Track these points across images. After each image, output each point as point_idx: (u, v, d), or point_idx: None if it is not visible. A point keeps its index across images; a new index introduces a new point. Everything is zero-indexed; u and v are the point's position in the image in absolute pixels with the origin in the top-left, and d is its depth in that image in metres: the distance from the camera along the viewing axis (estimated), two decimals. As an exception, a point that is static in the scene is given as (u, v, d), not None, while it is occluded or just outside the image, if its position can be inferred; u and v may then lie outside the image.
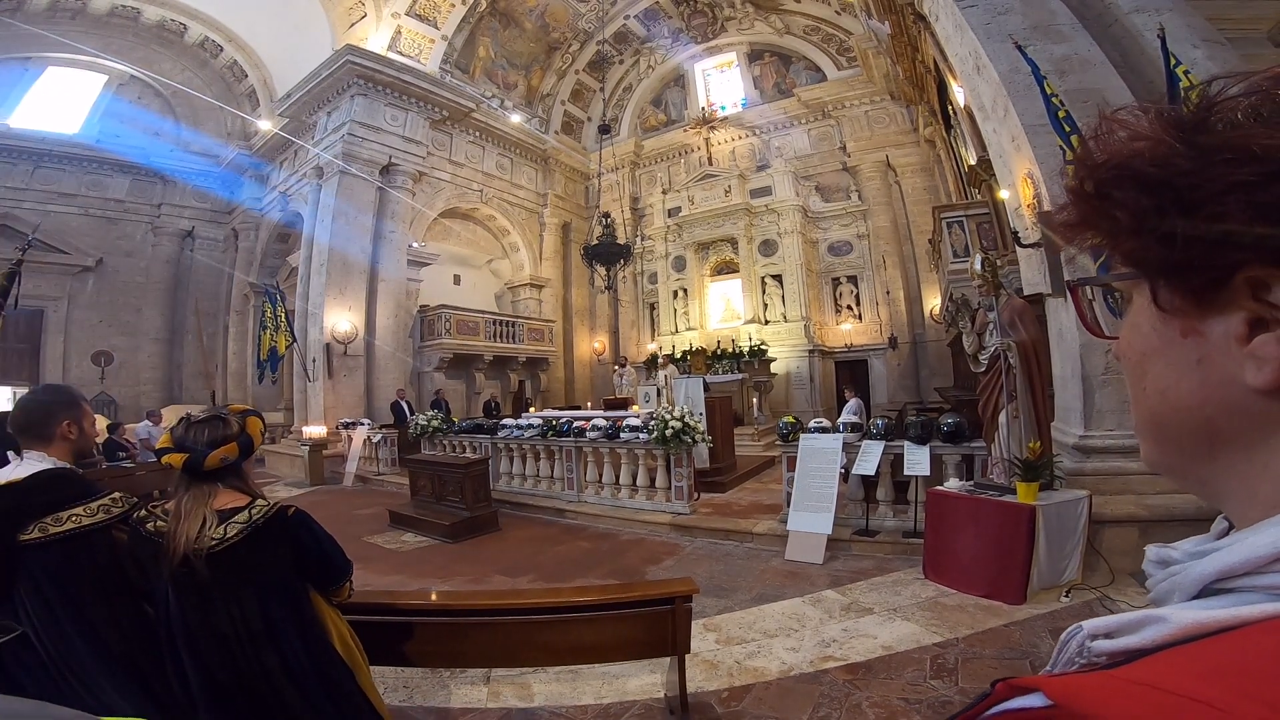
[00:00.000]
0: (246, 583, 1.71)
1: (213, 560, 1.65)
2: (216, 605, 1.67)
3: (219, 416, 1.81)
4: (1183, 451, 0.42)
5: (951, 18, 6.86)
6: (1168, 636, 0.33)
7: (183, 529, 1.65)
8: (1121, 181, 0.39)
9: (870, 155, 17.02)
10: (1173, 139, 0.37)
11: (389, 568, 5.97)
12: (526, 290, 19.69)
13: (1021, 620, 3.87)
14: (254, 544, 1.72)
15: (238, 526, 1.71)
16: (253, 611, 1.70)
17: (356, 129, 14.44)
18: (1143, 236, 0.39)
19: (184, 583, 1.66)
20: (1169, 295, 0.39)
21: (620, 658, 2.98)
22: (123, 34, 17.42)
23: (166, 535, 1.66)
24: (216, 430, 1.77)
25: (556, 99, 20.25)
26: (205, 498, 1.72)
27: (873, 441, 5.70)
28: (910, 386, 15.81)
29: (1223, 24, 5.51)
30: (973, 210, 10.02)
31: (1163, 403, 0.42)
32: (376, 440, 11.88)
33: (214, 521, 1.69)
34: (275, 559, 1.76)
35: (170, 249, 19.27)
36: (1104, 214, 0.41)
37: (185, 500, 1.71)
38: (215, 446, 1.74)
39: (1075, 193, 0.43)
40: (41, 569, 1.69)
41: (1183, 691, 0.26)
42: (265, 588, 1.74)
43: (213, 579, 1.66)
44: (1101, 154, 0.41)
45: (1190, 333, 0.39)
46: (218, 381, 19.41)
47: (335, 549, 1.94)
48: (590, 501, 7.77)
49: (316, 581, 1.91)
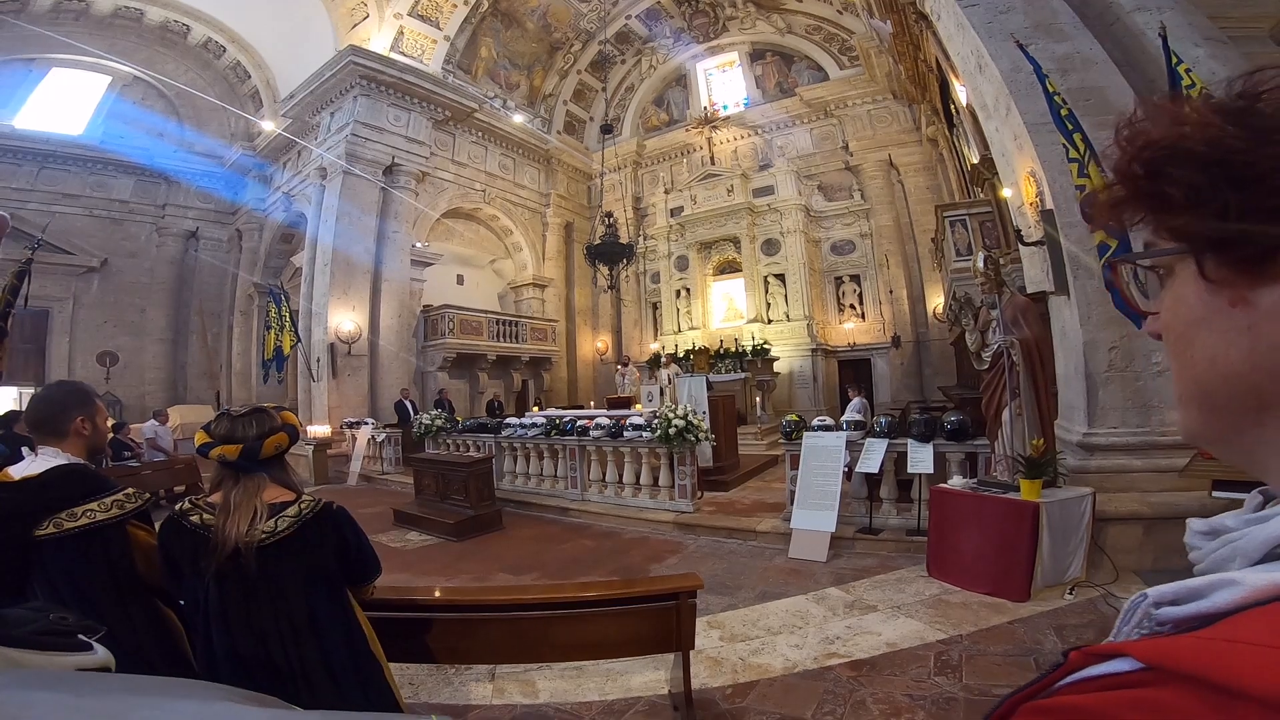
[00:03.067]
0: (293, 576, 1.72)
1: (262, 553, 1.66)
2: (261, 598, 1.68)
3: (262, 410, 1.83)
4: (1229, 420, 0.43)
5: (953, 16, 6.86)
6: (1242, 599, 0.33)
7: (233, 521, 1.65)
8: (1175, 160, 0.41)
9: (873, 154, 17.00)
10: (1222, 121, 0.40)
11: (394, 566, 5.98)
12: (529, 290, 19.70)
13: (1025, 617, 3.88)
14: (303, 538, 1.73)
15: (289, 520, 1.72)
16: (298, 604, 1.71)
17: (359, 129, 14.47)
18: (1195, 211, 0.40)
19: (230, 575, 1.66)
20: (1217, 267, 0.40)
21: (625, 654, 3.00)
22: (126, 35, 17.47)
23: (214, 528, 1.66)
24: (264, 422, 1.78)
25: (559, 99, 20.26)
26: (256, 490, 1.73)
27: (876, 439, 5.70)
28: (914, 385, 15.79)
29: (1224, 22, 5.50)
30: (975, 209, 10.01)
31: (1211, 370, 0.43)
32: (381, 439, 11.91)
33: (265, 514, 1.70)
34: (321, 553, 1.78)
35: (175, 249, 19.33)
36: (1154, 192, 0.43)
37: (235, 493, 1.71)
38: (266, 436, 1.76)
39: (1123, 173, 0.45)
40: (56, 564, 1.71)
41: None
42: (311, 581, 1.75)
43: (261, 572, 1.67)
44: (1144, 136, 0.43)
45: (1239, 302, 0.40)
46: (222, 381, 19.49)
47: (370, 546, 1.97)
48: (594, 500, 7.79)
49: (352, 577, 1.93)
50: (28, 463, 1.83)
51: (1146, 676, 0.30)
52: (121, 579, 1.79)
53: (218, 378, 19.54)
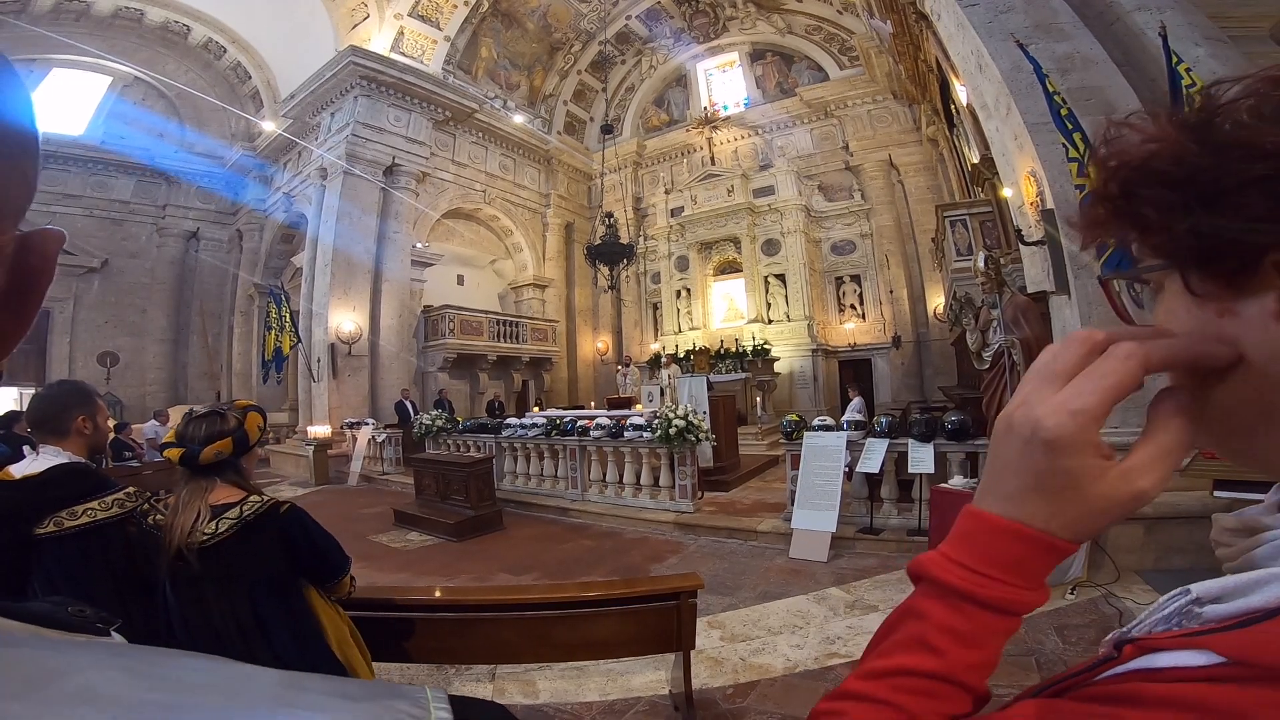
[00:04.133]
0: (237, 577, 1.74)
1: (204, 555, 1.68)
2: (209, 599, 1.71)
3: (217, 412, 1.83)
4: (1234, 427, 0.44)
5: (953, 16, 6.86)
6: None
7: (178, 523, 1.68)
8: (1146, 180, 0.42)
9: (873, 154, 17.00)
10: (1185, 139, 0.40)
11: (394, 566, 6.00)
12: (530, 290, 19.71)
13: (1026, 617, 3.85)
14: (245, 539, 1.74)
15: (229, 522, 1.73)
16: (243, 606, 1.73)
17: (360, 130, 14.49)
18: (1171, 230, 0.41)
19: (179, 576, 1.69)
20: (1201, 281, 0.41)
21: (626, 653, 3.00)
22: (127, 35, 17.49)
23: (164, 529, 1.69)
24: (213, 425, 1.79)
25: (559, 99, 20.26)
26: (202, 492, 1.75)
27: (877, 439, 5.70)
28: (914, 385, 15.79)
29: (1224, 22, 5.50)
30: (976, 209, 10.01)
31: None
32: (381, 440, 11.91)
33: (207, 516, 1.71)
34: (266, 555, 1.79)
35: (175, 250, 19.35)
36: (1130, 211, 0.43)
37: (183, 494, 1.74)
38: (210, 441, 1.76)
39: (1100, 194, 0.45)
40: (56, 562, 1.72)
41: None
42: (255, 583, 1.77)
43: (204, 573, 1.69)
44: (1118, 157, 0.44)
45: (1226, 313, 0.40)
46: (223, 382, 19.50)
47: (331, 544, 1.96)
48: (594, 500, 7.78)
49: (312, 577, 1.94)
50: (29, 461, 1.83)
51: (1227, 671, 0.31)
52: (120, 577, 1.80)
53: (218, 378, 19.56)
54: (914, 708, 0.41)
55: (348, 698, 0.26)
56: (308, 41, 15.68)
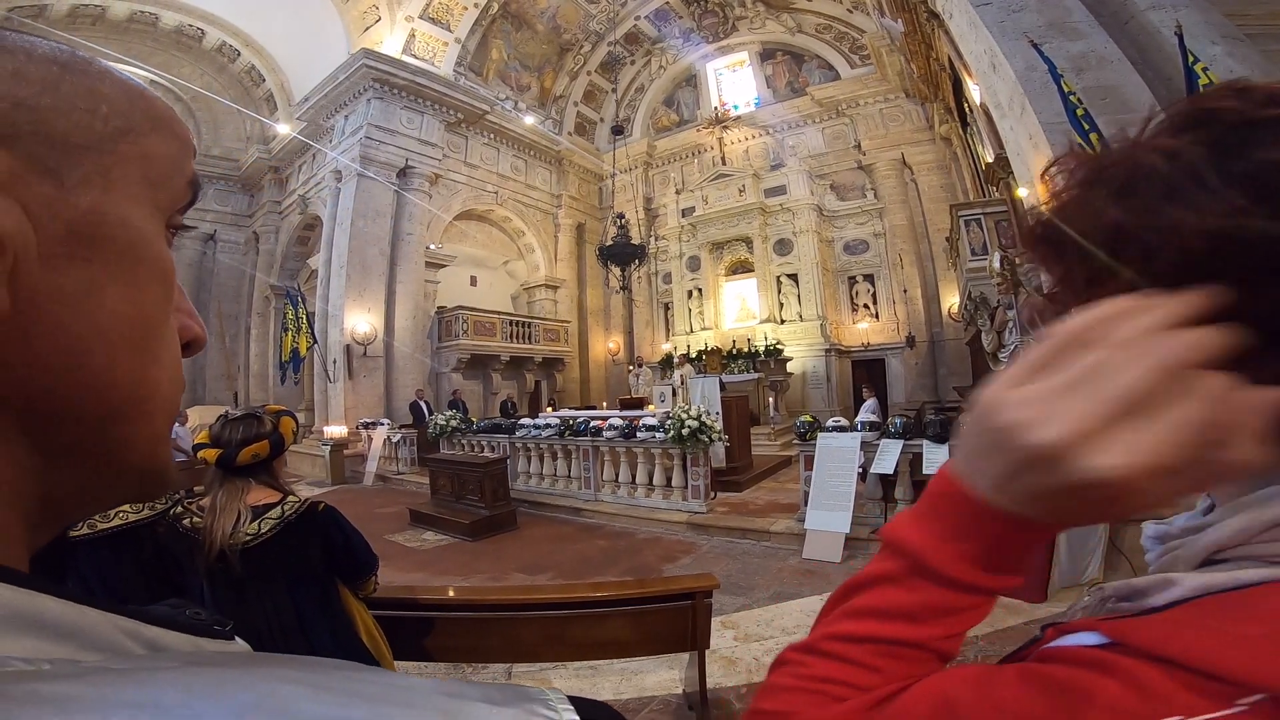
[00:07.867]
0: (279, 576, 1.77)
1: (247, 555, 1.71)
2: (250, 598, 1.74)
3: (254, 415, 1.86)
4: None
5: (965, 15, 6.83)
6: (1179, 597, 0.38)
7: (219, 524, 1.70)
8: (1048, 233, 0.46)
9: (885, 153, 16.91)
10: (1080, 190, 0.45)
11: (410, 565, 6.06)
12: (542, 291, 19.78)
13: (1041, 618, 3.83)
14: (286, 539, 1.77)
15: (271, 522, 1.77)
16: (284, 604, 1.76)
17: (373, 132, 14.60)
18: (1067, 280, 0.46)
19: (219, 577, 1.71)
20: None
21: (641, 653, 3.02)
22: (142, 39, 17.70)
23: (203, 531, 1.71)
24: (250, 428, 1.81)
25: (569, 100, 20.34)
26: (239, 493, 1.77)
27: (891, 440, 5.69)
28: (928, 385, 15.69)
29: (1242, 20, 5.44)
30: (990, 208, 9.94)
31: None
32: (396, 440, 12.01)
33: (248, 517, 1.74)
34: (306, 553, 1.82)
35: (192, 252, 19.55)
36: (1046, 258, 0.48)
37: (220, 496, 1.76)
38: (247, 444, 1.79)
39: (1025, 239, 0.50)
40: (90, 564, 1.75)
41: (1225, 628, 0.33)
42: (296, 581, 1.80)
43: (246, 573, 1.72)
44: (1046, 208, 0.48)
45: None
46: (240, 382, 19.71)
47: (362, 544, 2.00)
48: (607, 500, 7.82)
49: (344, 575, 1.97)
50: None
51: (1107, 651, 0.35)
52: (151, 578, 1.83)
53: (235, 379, 19.76)
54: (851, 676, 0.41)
55: (494, 702, 0.26)
56: (320, 45, 15.85)
